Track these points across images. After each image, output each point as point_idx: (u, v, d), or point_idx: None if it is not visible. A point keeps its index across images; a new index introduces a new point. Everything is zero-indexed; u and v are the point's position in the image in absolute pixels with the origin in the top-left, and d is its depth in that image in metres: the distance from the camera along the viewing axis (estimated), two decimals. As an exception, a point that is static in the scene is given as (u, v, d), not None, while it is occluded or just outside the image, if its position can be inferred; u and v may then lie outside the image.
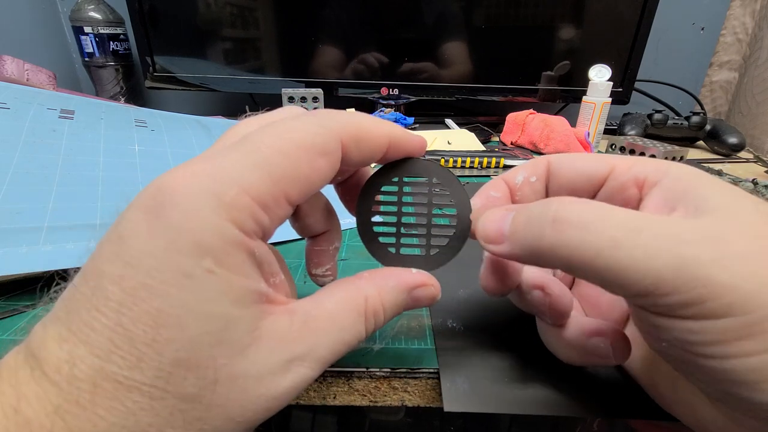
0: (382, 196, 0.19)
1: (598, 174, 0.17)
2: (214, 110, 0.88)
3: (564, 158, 0.19)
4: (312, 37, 0.67)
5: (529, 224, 0.15)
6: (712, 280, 0.12)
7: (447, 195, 0.18)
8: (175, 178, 0.12)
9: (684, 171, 0.15)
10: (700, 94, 0.84)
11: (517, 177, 0.19)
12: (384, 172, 0.18)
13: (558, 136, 0.58)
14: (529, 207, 0.15)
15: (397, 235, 0.19)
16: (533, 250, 0.15)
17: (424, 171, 0.18)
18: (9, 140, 0.29)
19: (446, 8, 0.66)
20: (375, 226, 0.19)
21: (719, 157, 0.65)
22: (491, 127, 0.74)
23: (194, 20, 0.65)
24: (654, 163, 0.16)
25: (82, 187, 0.29)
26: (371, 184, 0.18)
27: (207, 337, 0.12)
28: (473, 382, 0.19)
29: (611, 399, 0.19)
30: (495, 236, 0.16)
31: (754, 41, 0.75)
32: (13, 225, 0.24)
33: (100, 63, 0.71)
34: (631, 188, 0.17)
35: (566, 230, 0.13)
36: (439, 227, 0.19)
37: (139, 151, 0.35)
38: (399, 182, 0.18)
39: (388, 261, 0.19)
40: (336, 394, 0.21)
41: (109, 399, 0.11)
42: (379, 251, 0.19)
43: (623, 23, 0.66)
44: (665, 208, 0.15)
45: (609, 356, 0.17)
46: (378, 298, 0.16)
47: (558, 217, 0.14)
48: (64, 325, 0.12)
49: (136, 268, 0.11)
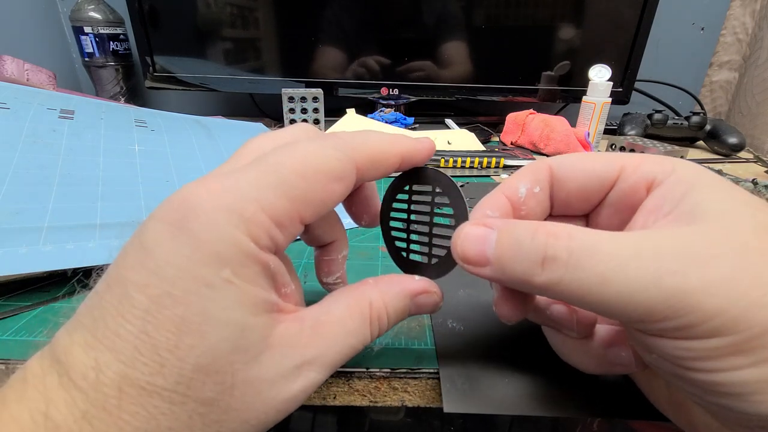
0: (396, 204, 0.19)
1: (607, 176, 0.17)
2: (214, 110, 0.88)
3: (567, 161, 0.17)
4: (312, 37, 0.67)
5: (518, 258, 0.14)
6: (700, 306, 0.12)
7: (448, 205, 0.18)
8: (198, 192, 0.13)
9: (688, 172, 0.15)
10: (700, 94, 0.84)
11: (519, 189, 0.17)
12: (401, 180, 0.19)
13: (558, 136, 0.58)
14: (514, 229, 0.15)
15: (407, 242, 0.20)
16: (523, 284, 0.14)
17: (430, 180, 0.18)
18: (9, 140, 0.29)
19: (446, 8, 0.66)
20: (393, 232, 0.20)
21: (719, 157, 0.65)
22: (491, 127, 0.74)
23: (194, 20, 0.65)
24: (661, 162, 0.16)
25: (82, 187, 0.29)
26: (391, 191, 0.19)
27: (225, 343, 0.12)
28: (473, 382, 0.19)
29: (611, 399, 0.19)
30: (476, 258, 0.15)
31: (754, 41, 0.75)
32: (13, 225, 0.24)
33: (100, 63, 0.71)
34: (640, 191, 0.16)
35: (557, 269, 0.13)
36: (440, 237, 0.18)
37: (139, 151, 0.35)
38: (409, 191, 0.19)
39: (399, 263, 0.20)
40: (336, 394, 0.21)
41: (133, 404, 0.11)
42: (394, 253, 0.20)
43: (623, 23, 0.66)
44: (660, 212, 0.15)
45: (631, 364, 0.16)
46: (382, 303, 0.16)
47: (548, 256, 0.13)
48: (89, 332, 0.12)
49: (160, 277, 0.12)
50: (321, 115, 0.64)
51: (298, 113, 0.63)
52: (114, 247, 0.22)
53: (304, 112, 0.63)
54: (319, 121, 0.64)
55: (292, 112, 0.63)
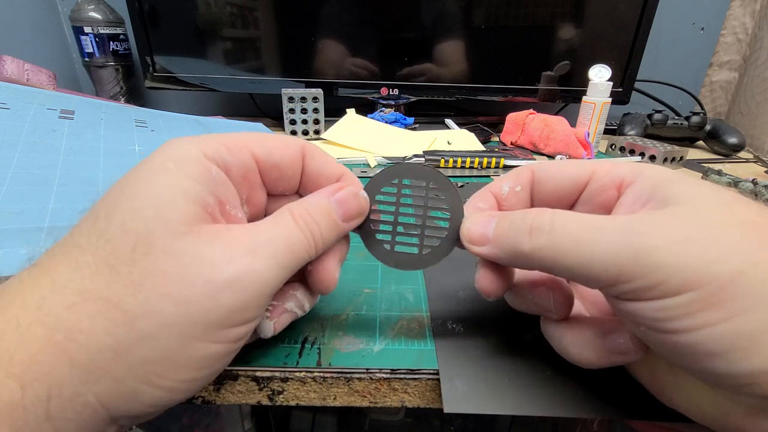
0: (381, 197, 0.20)
1: (580, 178, 0.19)
2: (214, 110, 0.88)
3: (546, 165, 0.20)
4: (312, 37, 0.67)
5: (511, 232, 0.17)
6: (665, 263, 0.13)
7: (442, 199, 0.20)
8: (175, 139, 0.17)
9: (657, 171, 0.17)
10: (700, 94, 0.84)
11: (503, 188, 0.21)
12: (384, 174, 0.20)
13: (558, 136, 0.58)
14: (511, 215, 0.17)
15: (393, 234, 0.20)
16: (514, 254, 0.17)
17: (423, 175, 0.20)
18: (9, 140, 0.29)
19: (446, 8, 0.66)
20: (373, 224, 0.20)
21: (719, 157, 0.65)
22: (491, 127, 0.74)
23: (194, 20, 0.65)
24: (630, 165, 0.18)
25: (82, 187, 0.29)
26: (373, 184, 0.20)
27: (150, 210, 0.14)
28: (473, 383, 0.19)
29: (611, 399, 0.19)
30: (479, 239, 0.18)
31: (754, 41, 0.75)
32: (13, 225, 0.24)
33: (100, 63, 0.71)
34: (610, 190, 0.18)
35: (540, 237, 0.16)
36: (432, 229, 0.20)
37: (139, 151, 0.35)
38: (398, 184, 0.20)
39: (382, 257, 0.20)
40: (336, 395, 0.21)
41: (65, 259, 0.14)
42: (375, 247, 0.20)
43: (623, 23, 0.66)
44: (637, 204, 0.17)
45: (629, 351, 0.17)
46: (301, 206, 0.18)
47: (534, 226, 0.16)
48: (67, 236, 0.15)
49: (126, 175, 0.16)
50: (321, 115, 0.64)
51: (298, 113, 0.63)
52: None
53: (304, 112, 0.63)
54: (319, 121, 0.64)
55: (292, 112, 0.63)
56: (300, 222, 0.17)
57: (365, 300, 0.25)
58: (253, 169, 0.18)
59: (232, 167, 0.17)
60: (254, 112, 0.81)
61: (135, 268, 0.14)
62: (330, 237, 0.18)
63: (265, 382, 0.20)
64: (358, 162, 0.54)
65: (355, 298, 0.25)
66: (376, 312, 0.24)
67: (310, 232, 0.17)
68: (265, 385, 0.20)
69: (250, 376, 0.20)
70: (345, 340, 0.22)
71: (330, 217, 0.18)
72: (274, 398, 0.21)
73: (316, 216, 0.18)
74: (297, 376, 0.20)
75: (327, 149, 0.59)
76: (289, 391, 0.20)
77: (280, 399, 0.21)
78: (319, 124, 0.64)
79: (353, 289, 0.26)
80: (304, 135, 0.64)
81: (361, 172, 0.49)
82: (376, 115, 0.68)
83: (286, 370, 0.20)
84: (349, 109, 0.67)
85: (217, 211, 0.16)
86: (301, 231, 0.17)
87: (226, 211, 0.17)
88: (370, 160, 0.54)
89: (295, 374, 0.20)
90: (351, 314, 0.24)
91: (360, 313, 0.24)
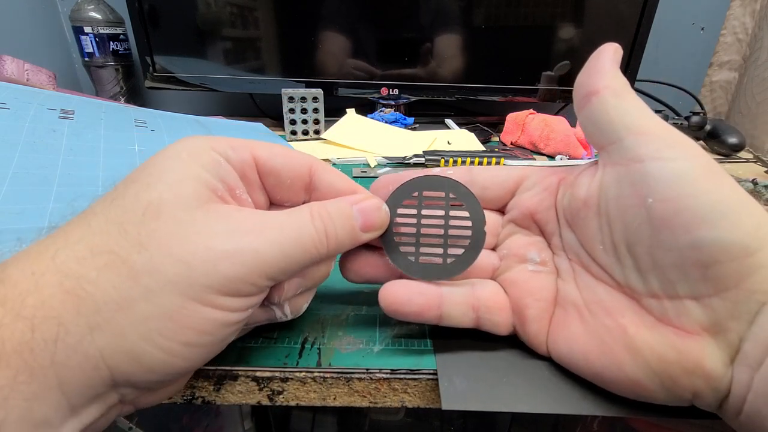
0: (403, 209, 0.20)
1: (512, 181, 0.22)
2: (214, 110, 0.88)
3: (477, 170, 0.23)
4: (312, 37, 0.67)
5: None
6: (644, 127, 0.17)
7: (463, 208, 0.20)
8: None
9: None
10: (700, 94, 0.84)
11: None
12: (404, 188, 0.20)
13: (558, 136, 0.58)
14: None
15: (416, 245, 0.20)
16: None
17: (442, 186, 0.20)
18: (9, 140, 0.29)
19: (446, 8, 0.66)
20: (396, 237, 0.20)
21: (719, 157, 0.65)
22: (491, 127, 0.74)
23: (194, 20, 0.65)
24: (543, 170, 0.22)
25: (82, 187, 0.29)
26: (394, 198, 0.20)
27: (163, 185, 0.16)
28: (471, 380, 0.19)
29: (611, 398, 0.19)
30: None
31: (754, 41, 0.75)
32: (13, 225, 0.24)
33: (100, 63, 0.71)
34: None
35: None
36: (455, 238, 0.20)
37: (139, 151, 0.35)
38: (418, 197, 0.20)
39: (407, 269, 0.20)
40: (336, 395, 0.21)
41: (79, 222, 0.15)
42: (400, 259, 0.20)
43: (623, 23, 0.66)
44: None
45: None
46: (321, 205, 0.18)
47: None
48: None
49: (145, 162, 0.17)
50: (321, 115, 0.64)
51: (298, 113, 0.63)
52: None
53: (304, 112, 0.63)
54: (319, 121, 0.64)
55: (292, 112, 0.63)
56: (316, 218, 0.17)
57: (365, 300, 0.25)
58: (251, 167, 0.19)
59: (232, 162, 0.18)
60: (254, 112, 0.81)
61: (143, 229, 0.15)
62: (344, 241, 0.18)
63: (265, 382, 0.20)
64: (358, 162, 0.54)
65: (355, 298, 0.25)
66: (376, 312, 0.24)
67: (324, 230, 0.17)
68: (265, 385, 0.20)
69: (250, 376, 0.20)
70: (345, 341, 0.22)
71: (349, 223, 0.18)
72: (274, 398, 0.21)
73: (335, 217, 0.18)
74: (297, 376, 0.20)
75: (327, 149, 0.59)
76: (289, 392, 0.20)
77: (280, 399, 0.21)
78: (319, 124, 0.64)
79: (353, 289, 0.26)
80: (304, 135, 0.64)
81: (361, 172, 0.49)
82: (376, 115, 0.68)
83: (286, 370, 0.20)
84: (349, 109, 0.67)
85: (228, 196, 0.17)
86: (315, 227, 0.17)
87: (237, 195, 0.18)
88: (370, 160, 0.54)
89: (295, 374, 0.20)
90: (351, 314, 0.24)
91: (360, 313, 0.24)
